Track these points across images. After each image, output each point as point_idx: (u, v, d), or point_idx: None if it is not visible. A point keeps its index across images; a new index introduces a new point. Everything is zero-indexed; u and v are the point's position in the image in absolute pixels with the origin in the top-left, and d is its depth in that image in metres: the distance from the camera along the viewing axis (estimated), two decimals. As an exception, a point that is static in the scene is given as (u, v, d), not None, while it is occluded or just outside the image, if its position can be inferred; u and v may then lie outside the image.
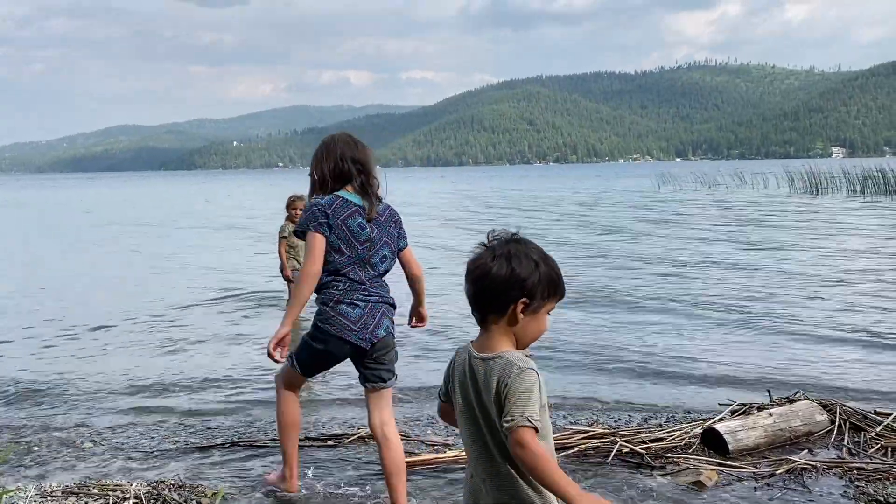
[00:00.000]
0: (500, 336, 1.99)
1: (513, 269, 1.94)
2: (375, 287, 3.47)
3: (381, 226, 3.49)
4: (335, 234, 3.38)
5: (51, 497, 3.62)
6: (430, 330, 6.61)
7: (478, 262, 1.98)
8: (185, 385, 6.01)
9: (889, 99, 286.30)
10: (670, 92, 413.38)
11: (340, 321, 3.39)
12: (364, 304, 3.42)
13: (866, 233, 16.64)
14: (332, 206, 3.40)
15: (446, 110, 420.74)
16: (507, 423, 1.87)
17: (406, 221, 3.70)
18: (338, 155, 3.49)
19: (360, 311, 3.41)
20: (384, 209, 3.54)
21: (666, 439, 4.37)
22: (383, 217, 3.52)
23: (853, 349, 6.82)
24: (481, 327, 2.01)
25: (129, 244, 18.35)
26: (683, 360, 6.49)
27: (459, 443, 4.49)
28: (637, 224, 20.95)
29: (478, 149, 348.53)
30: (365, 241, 3.42)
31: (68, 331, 8.17)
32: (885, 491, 3.72)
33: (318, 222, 3.37)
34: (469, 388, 1.99)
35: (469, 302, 2.01)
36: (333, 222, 3.38)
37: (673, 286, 10.28)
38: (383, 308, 3.48)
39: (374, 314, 3.43)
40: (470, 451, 2.03)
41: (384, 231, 3.50)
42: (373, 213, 3.44)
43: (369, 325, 3.41)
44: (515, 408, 1.87)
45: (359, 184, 3.47)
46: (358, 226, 3.41)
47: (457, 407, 2.05)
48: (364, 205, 3.44)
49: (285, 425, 3.66)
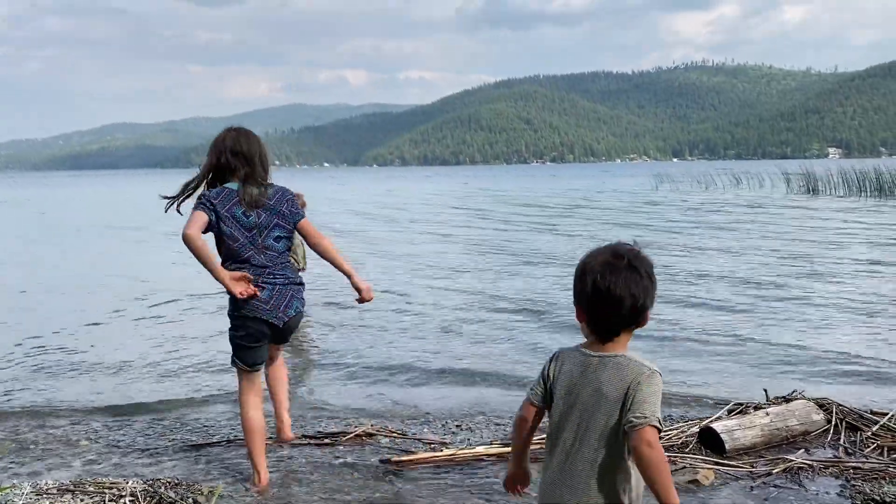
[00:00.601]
0: (625, 340, 2.08)
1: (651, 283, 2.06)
2: (280, 269, 3.70)
3: (270, 209, 3.68)
4: (225, 224, 3.60)
5: (46, 494, 3.61)
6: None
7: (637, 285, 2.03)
8: (180, 383, 6.00)
9: (885, 100, 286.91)
10: (667, 92, 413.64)
11: (253, 303, 3.61)
12: (272, 286, 3.65)
13: (861, 232, 16.67)
14: (220, 196, 3.63)
15: (443, 109, 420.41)
16: (638, 420, 1.94)
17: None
18: (223, 149, 3.70)
19: (269, 293, 3.64)
20: (274, 193, 3.73)
21: (663, 438, 4.37)
22: (272, 201, 3.70)
23: (849, 347, 6.83)
24: (604, 340, 2.07)
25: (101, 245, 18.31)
26: (679, 358, 6.50)
27: (456, 441, 4.49)
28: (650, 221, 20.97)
29: (475, 148, 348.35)
30: (251, 227, 3.64)
31: (63, 329, 8.15)
32: (881, 490, 3.73)
33: (202, 204, 3.60)
34: (582, 389, 2.05)
35: (628, 320, 2.05)
36: (220, 211, 3.59)
37: (667, 285, 10.29)
38: (292, 290, 3.73)
39: (283, 295, 3.68)
40: (564, 448, 2.06)
41: (274, 213, 3.69)
42: (254, 200, 3.63)
43: (280, 304, 3.66)
44: (647, 407, 1.94)
45: (242, 175, 3.66)
46: (243, 214, 3.62)
47: (560, 408, 2.08)
48: (246, 196, 3.62)
49: (248, 431, 3.83)
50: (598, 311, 2.04)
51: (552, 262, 12.98)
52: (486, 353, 6.86)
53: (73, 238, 20.14)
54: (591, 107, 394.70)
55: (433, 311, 8.85)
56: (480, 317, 8.46)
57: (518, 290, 10.09)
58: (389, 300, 9.32)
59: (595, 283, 2.01)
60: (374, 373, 6.28)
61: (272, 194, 3.71)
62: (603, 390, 2.02)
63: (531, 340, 7.31)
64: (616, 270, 2.01)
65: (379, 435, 4.64)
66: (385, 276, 11.38)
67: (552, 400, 2.11)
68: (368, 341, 7.37)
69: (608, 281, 2.00)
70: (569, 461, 2.05)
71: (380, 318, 8.39)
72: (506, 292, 9.93)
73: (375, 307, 9.07)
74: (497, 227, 20.65)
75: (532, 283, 10.71)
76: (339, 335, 7.70)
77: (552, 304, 9.01)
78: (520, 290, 10.08)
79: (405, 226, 22.09)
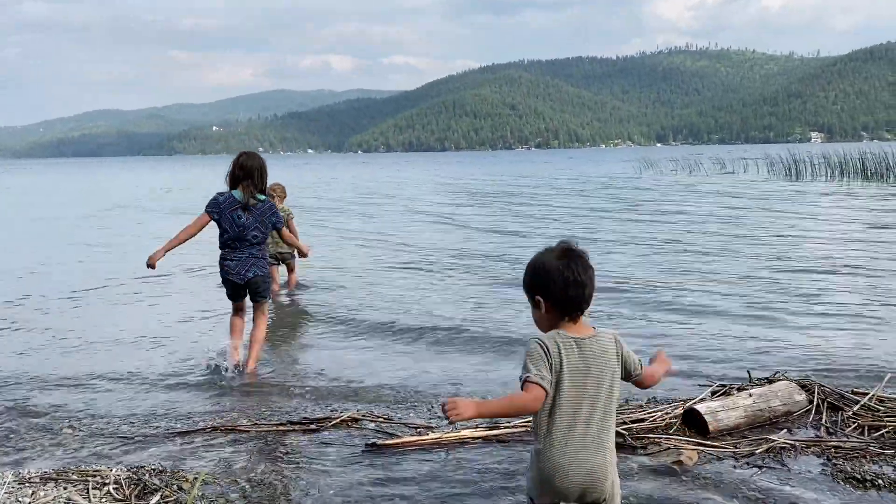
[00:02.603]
0: (585, 321, 2.53)
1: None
2: (247, 249, 5.60)
3: (256, 216, 5.53)
4: (224, 221, 5.52)
5: (29, 483, 3.58)
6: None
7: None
8: (165, 370, 5.96)
9: (867, 84, 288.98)
10: (651, 77, 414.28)
11: (226, 270, 5.67)
12: (237, 260, 5.61)
13: (842, 215, 16.82)
14: (227, 201, 5.52)
15: (428, 95, 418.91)
16: (641, 366, 2.55)
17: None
18: (236, 164, 5.58)
19: (235, 264, 5.62)
20: (262, 204, 5.56)
21: (647, 420, 4.40)
22: (258, 211, 5.54)
23: (831, 329, 6.90)
24: (575, 319, 2.48)
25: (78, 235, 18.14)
26: (663, 340, 6.54)
27: (442, 425, 4.50)
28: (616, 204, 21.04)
29: (459, 134, 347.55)
30: (240, 226, 5.52)
31: (42, 316, 8.08)
32: (862, 469, 3.78)
33: (211, 209, 5.54)
34: (588, 367, 2.44)
35: (589, 299, 2.48)
36: (223, 213, 5.52)
37: (652, 266, 10.34)
38: (252, 260, 5.62)
39: (245, 264, 5.60)
40: (582, 420, 2.45)
41: (257, 219, 5.54)
42: (247, 205, 5.51)
43: (241, 270, 5.61)
44: (634, 355, 2.55)
45: (244, 185, 5.52)
46: (237, 216, 5.51)
47: (569, 388, 2.42)
48: (242, 201, 5.49)
49: (230, 328, 5.95)
50: (569, 298, 2.44)
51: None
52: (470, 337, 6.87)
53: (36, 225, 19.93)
54: (575, 92, 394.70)
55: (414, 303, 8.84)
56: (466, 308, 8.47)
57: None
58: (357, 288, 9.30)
59: (563, 274, 2.43)
60: (359, 359, 6.28)
61: (261, 206, 5.55)
62: (607, 360, 2.47)
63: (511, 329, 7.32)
64: (575, 261, 2.45)
65: (365, 420, 4.63)
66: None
67: (557, 384, 2.42)
68: (350, 328, 7.36)
69: (573, 270, 2.43)
70: (591, 429, 2.44)
71: (362, 306, 8.38)
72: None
73: (353, 294, 9.06)
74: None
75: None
76: (322, 326, 7.68)
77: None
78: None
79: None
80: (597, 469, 2.44)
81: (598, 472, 2.44)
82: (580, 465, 2.43)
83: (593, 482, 2.44)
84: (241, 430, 4.51)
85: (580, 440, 2.43)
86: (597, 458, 2.44)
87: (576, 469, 2.42)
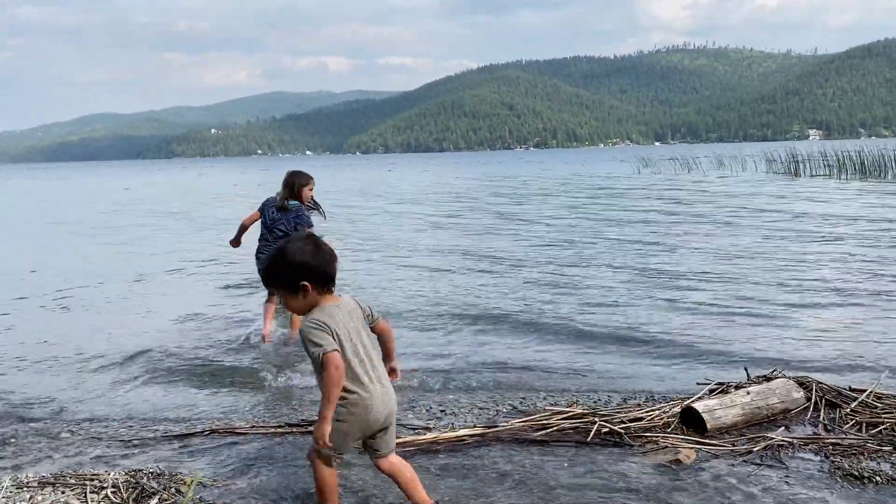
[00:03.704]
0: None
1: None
2: (274, 242, 6.37)
3: (285, 216, 6.67)
4: (265, 216, 6.76)
5: (27, 488, 3.58)
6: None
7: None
8: (162, 374, 5.96)
9: (864, 81, 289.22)
10: (649, 76, 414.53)
11: (259, 258, 6.68)
12: (267, 252, 6.30)
13: (841, 213, 16.82)
14: (271, 203, 6.79)
15: (426, 96, 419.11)
16: (379, 315, 3.16)
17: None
18: (286, 177, 6.82)
19: (266, 254, 5.53)
20: (293, 209, 6.67)
21: (645, 419, 4.40)
22: (289, 213, 6.67)
23: (829, 326, 6.90)
24: (331, 290, 3.04)
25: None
26: (661, 339, 6.54)
27: (440, 425, 4.50)
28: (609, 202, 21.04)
29: (458, 134, 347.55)
30: (272, 219, 6.73)
31: (38, 320, 8.07)
32: (860, 465, 3.78)
33: (261, 208, 6.83)
34: (355, 328, 3.02)
35: (333, 276, 3.03)
36: (265, 210, 6.78)
37: (647, 264, 10.34)
38: None
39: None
40: (373, 369, 3.04)
41: (285, 218, 6.66)
42: (279, 207, 6.71)
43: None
44: (367, 307, 3.14)
45: (283, 192, 6.74)
46: (271, 213, 6.75)
47: (352, 347, 2.97)
48: (278, 203, 6.72)
49: (265, 312, 6.85)
50: (328, 272, 2.99)
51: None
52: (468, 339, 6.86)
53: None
54: (573, 91, 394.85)
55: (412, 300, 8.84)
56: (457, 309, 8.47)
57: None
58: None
59: (321, 256, 2.99)
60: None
61: (291, 209, 6.68)
62: (361, 319, 3.07)
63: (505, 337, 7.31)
64: (318, 245, 3.03)
65: (363, 421, 4.62)
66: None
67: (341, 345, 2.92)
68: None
69: (323, 251, 3.01)
70: (380, 376, 3.05)
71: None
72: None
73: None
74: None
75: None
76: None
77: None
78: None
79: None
80: (392, 400, 3.08)
81: (393, 403, 3.09)
82: (382, 410, 3.03)
83: (392, 412, 3.09)
84: (239, 433, 4.50)
85: (378, 390, 3.01)
86: (389, 391, 3.06)
87: (381, 404, 3.01)
